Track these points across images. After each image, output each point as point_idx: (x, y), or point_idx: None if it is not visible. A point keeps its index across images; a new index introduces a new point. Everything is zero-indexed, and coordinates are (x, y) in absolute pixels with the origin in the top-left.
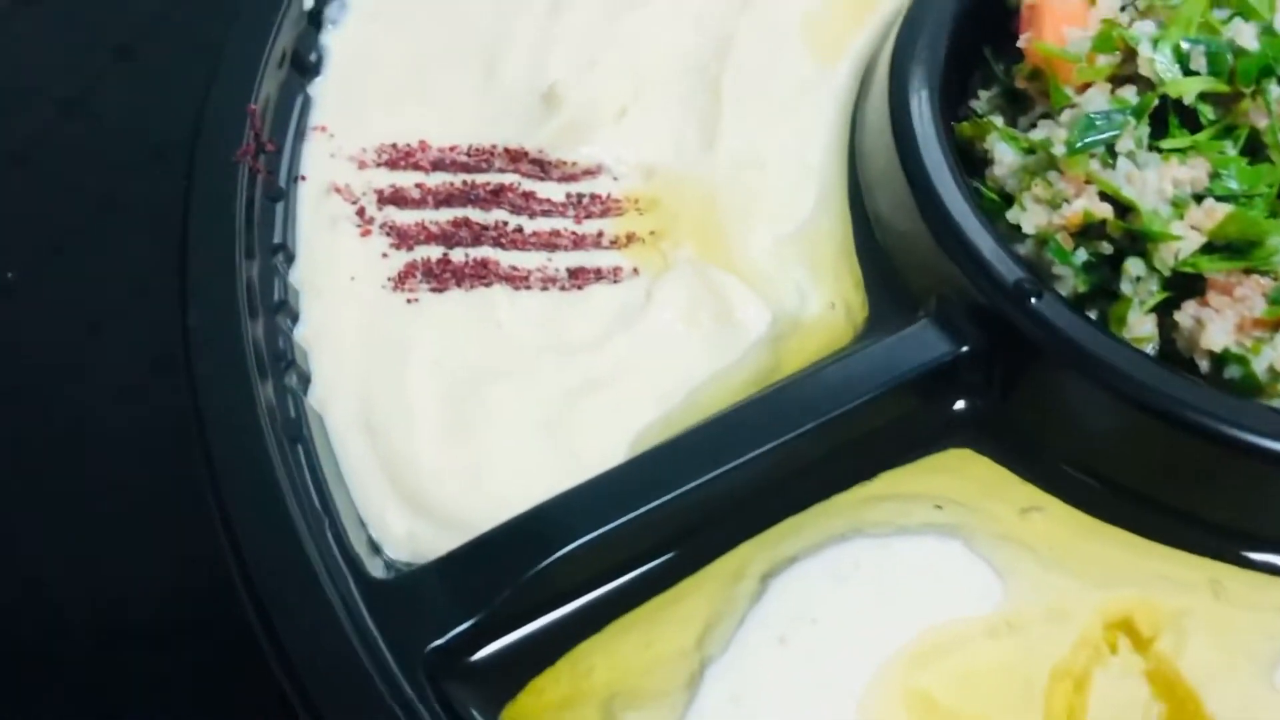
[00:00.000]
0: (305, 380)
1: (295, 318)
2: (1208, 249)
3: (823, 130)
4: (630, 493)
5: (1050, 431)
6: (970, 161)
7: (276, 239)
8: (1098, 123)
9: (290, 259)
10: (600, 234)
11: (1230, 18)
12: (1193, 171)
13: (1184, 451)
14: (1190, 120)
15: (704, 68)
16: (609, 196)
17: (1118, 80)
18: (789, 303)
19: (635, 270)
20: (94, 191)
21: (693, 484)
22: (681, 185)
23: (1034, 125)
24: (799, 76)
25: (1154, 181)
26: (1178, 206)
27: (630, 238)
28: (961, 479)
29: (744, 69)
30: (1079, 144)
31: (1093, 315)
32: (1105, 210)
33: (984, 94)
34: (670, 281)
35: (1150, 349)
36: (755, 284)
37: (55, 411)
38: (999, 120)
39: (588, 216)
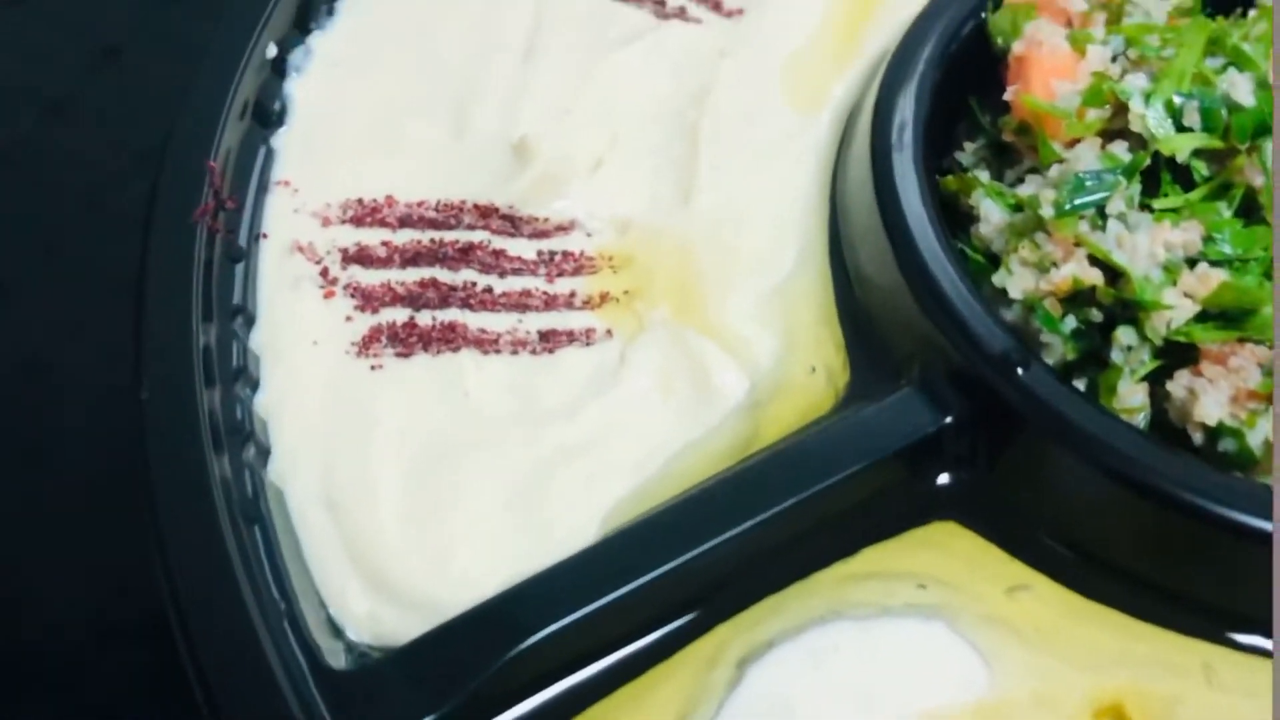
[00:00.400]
0: (264, 453)
1: (255, 385)
2: (1201, 317)
3: (803, 182)
4: (602, 577)
5: (1037, 506)
6: (955, 214)
7: (236, 300)
8: (1088, 183)
9: (250, 322)
10: (573, 294)
11: (1224, 67)
12: (1185, 235)
13: (1173, 529)
14: (1183, 175)
15: (681, 115)
16: (582, 254)
17: (1108, 134)
18: (768, 367)
19: (609, 332)
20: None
21: (668, 566)
22: (657, 241)
23: (1021, 180)
24: (779, 125)
25: (1145, 245)
26: (1170, 271)
27: (604, 297)
28: (946, 555)
29: (722, 117)
30: (1068, 206)
31: (1082, 384)
32: (1095, 276)
33: (970, 145)
34: (645, 345)
35: (1141, 419)
36: (733, 347)
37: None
38: (985, 174)
39: (560, 275)
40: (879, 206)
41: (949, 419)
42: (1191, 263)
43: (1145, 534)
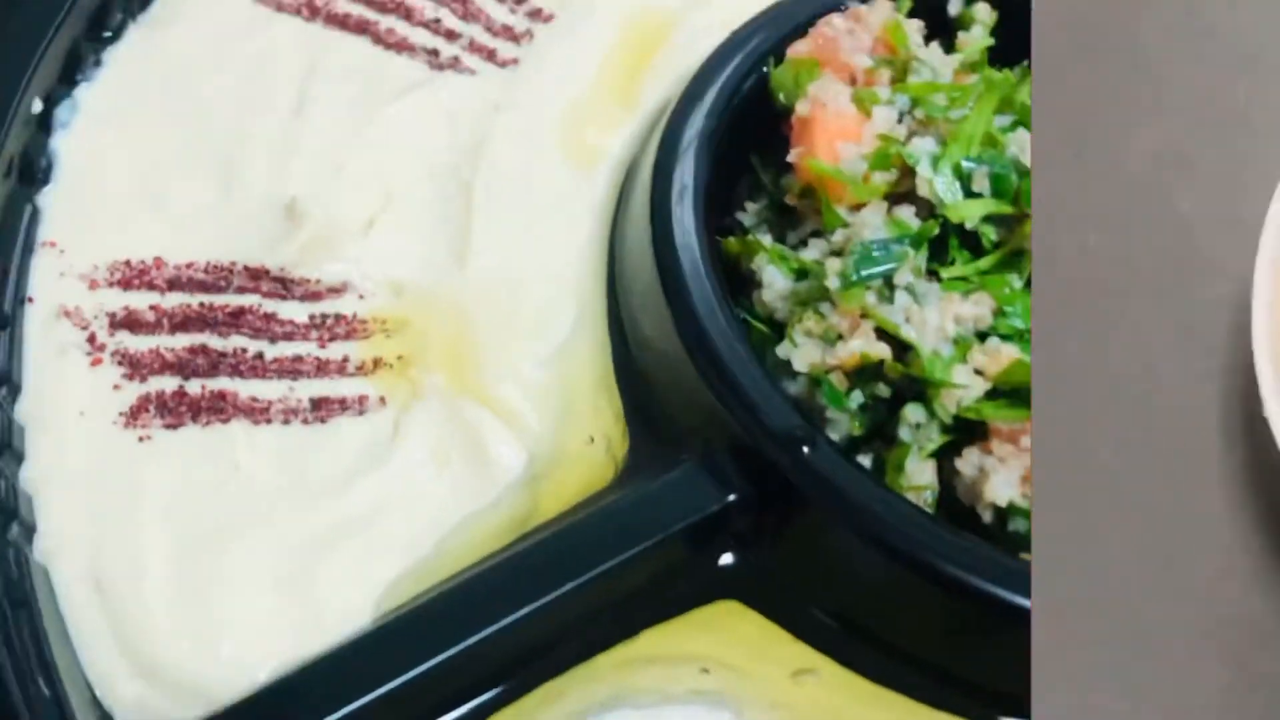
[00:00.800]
0: (30, 530)
1: (20, 458)
2: (993, 394)
3: (581, 242)
4: (374, 667)
5: (821, 587)
6: (736, 278)
7: (0, 369)
8: (875, 253)
9: (15, 391)
10: (345, 359)
11: (1013, 125)
12: (976, 308)
13: (950, 610)
14: (972, 241)
15: (456, 172)
16: (355, 317)
17: (894, 198)
18: (545, 438)
19: (382, 400)
20: None
21: (443, 655)
22: (432, 303)
23: (804, 242)
24: (556, 182)
25: (935, 319)
26: (961, 345)
27: (377, 363)
28: (730, 637)
29: (498, 174)
30: (855, 277)
31: (868, 459)
32: (883, 351)
33: (751, 205)
34: (419, 415)
35: (929, 497)
36: (508, 418)
37: None
38: (767, 236)
39: (332, 339)
40: (658, 270)
41: (732, 497)
42: (982, 335)
43: (925, 615)
